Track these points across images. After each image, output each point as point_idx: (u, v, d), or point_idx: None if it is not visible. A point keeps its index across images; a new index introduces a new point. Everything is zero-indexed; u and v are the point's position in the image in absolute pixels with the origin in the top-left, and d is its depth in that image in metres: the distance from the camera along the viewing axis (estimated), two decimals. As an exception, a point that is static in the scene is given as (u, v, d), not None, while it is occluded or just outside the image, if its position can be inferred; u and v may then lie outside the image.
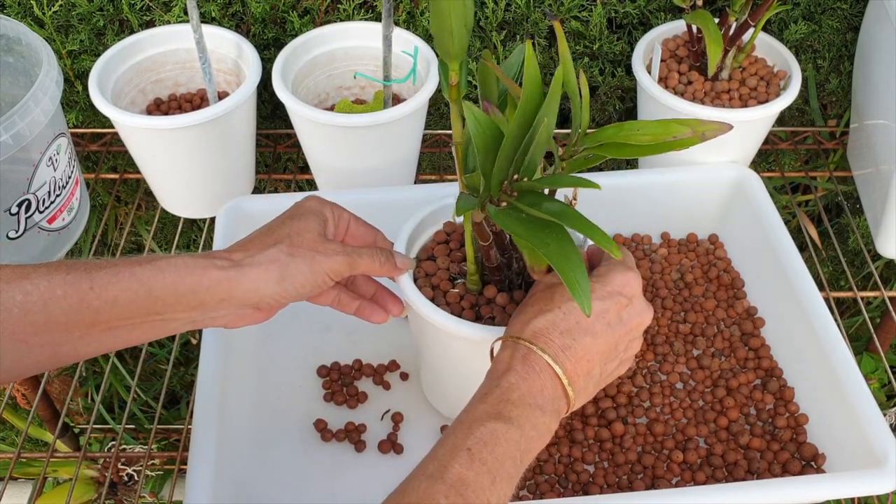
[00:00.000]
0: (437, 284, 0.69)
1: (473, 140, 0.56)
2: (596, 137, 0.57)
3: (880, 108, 0.93)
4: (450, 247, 0.72)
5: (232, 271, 0.57)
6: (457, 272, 0.70)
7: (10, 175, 0.81)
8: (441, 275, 0.69)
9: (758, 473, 0.74)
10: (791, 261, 0.82)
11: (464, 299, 0.68)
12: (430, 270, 0.70)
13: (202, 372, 0.73)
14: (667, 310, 0.87)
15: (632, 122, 0.56)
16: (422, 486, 0.50)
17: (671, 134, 0.55)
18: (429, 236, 0.74)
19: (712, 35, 0.86)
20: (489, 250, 0.64)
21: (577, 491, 0.74)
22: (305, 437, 0.78)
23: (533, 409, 0.54)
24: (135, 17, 1.01)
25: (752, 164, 1.00)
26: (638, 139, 0.55)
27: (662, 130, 0.55)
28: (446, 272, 0.70)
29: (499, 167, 0.55)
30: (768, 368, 0.81)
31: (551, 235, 0.54)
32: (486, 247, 0.64)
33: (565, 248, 0.53)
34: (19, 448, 0.87)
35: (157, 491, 1.28)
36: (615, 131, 0.56)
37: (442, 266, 0.70)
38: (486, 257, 0.65)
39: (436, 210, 0.73)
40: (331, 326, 0.86)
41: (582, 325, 0.57)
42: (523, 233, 0.54)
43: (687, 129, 0.55)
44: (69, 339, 0.53)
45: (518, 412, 0.54)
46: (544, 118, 0.53)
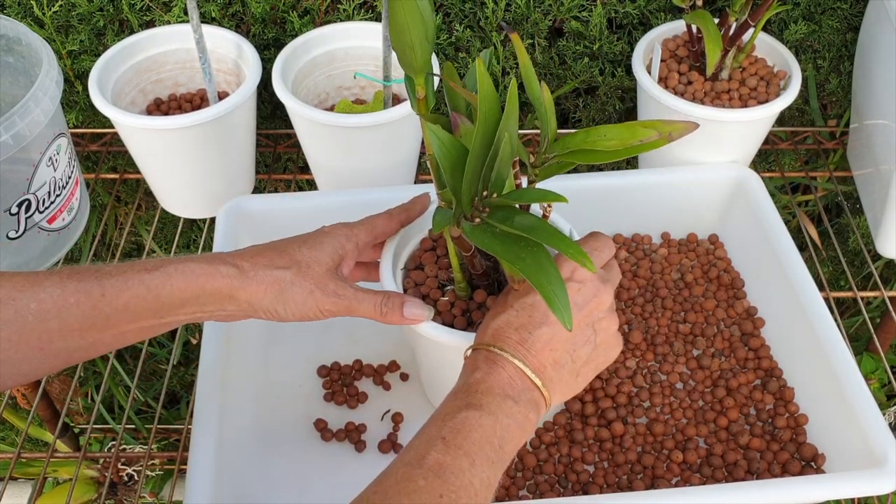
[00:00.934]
0: (427, 293, 0.69)
1: (439, 159, 0.56)
2: (565, 144, 0.57)
3: (880, 108, 0.93)
4: (437, 253, 0.72)
5: (235, 281, 0.59)
6: (445, 279, 0.70)
7: (10, 175, 0.81)
8: (430, 283, 0.70)
9: (757, 474, 0.74)
10: (791, 261, 0.82)
11: (454, 306, 0.68)
12: (418, 280, 0.71)
13: (202, 372, 0.73)
14: (667, 310, 0.87)
15: (599, 128, 0.56)
16: (400, 472, 0.51)
17: (637, 137, 0.56)
18: (415, 245, 0.74)
19: (712, 35, 0.86)
20: (473, 259, 0.65)
21: (576, 491, 0.74)
22: (305, 437, 0.78)
23: (503, 398, 0.56)
24: (135, 17, 1.01)
25: (752, 164, 1.00)
26: (605, 145, 0.56)
27: (629, 134, 0.56)
28: (435, 280, 0.70)
29: (467, 184, 0.55)
30: (768, 368, 0.81)
31: (526, 249, 0.54)
32: (470, 256, 0.64)
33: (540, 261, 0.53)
34: (19, 448, 0.87)
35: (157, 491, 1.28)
36: (583, 137, 0.57)
37: (430, 274, 0.70)
38: (470, 266, 0.66)
39: (419, 221, 0.73)
40: (331, 326, 0.86)
41: (535, 319, 0.58)
42: (498, 249, 0.55)
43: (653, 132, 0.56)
44: (82, 344, 0.56)
45: (488, 400, 0.55)
46: (504, 133, 0.53)
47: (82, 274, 0.55)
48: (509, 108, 0.53)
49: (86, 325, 0.55)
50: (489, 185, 0.56)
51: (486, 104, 0.54)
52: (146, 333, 0.60)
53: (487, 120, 0.54)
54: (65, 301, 0.54)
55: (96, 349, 0.58)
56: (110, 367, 0.95)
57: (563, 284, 0.53)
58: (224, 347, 0.75)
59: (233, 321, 0.64)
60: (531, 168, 0.59)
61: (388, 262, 0.70)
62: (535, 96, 0.57)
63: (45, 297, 0.54)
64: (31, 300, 0.53)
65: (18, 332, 0.53)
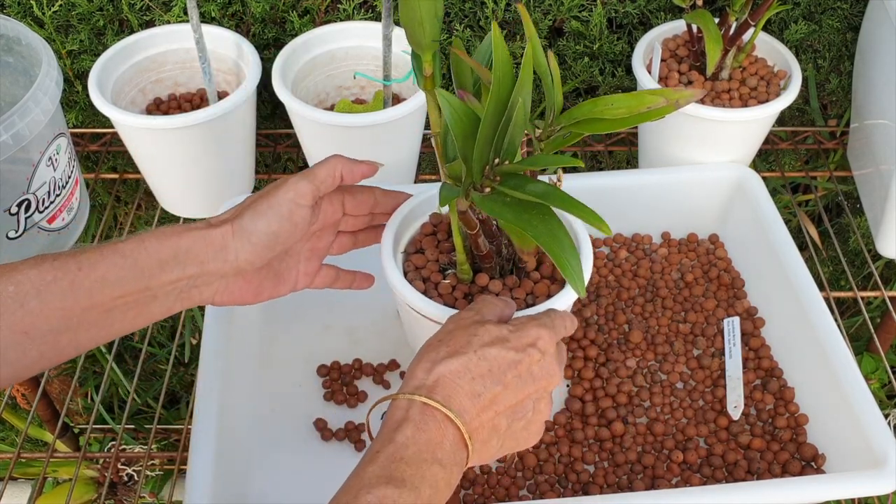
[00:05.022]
0: (428, 277, 0.68)
1: (451, 127, 0.55)
2: (571, 115, 0.56)
3: (880, 107, 0.93)
4: (437, 238, 0.71)
5: (204, 231, 0.59)
6: (446, 263, 0.69)
7: (10, 175, 0.81)
8: (431, 267, 0.69)
9: (758, 474, 0.74)
10: (791, 261, 0.82)
11: (456, 289, 0.67)
12: (419, 263, 0.69)
13: (202, 372, 0.73)
14: (667, 310, 0.87)
15: (606, 97, 0.55)
16: None
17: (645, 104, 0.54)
18: (415, 229, 0.73)
19: (712, 35, 0.86)
20: (477, 238, 0.63)
21: (576, 491, 0.74)
22: (305, 437, 0.78)
23: (430, 464, 0.50)
24: (134, 16, 1.01)
25: (752, 164, 1.00)
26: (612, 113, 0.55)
27: (636, 102, 0.55)
28: (436, 264, 0.69)
29: (478, 152, 0.54)
30: (768, 368, 0.81)
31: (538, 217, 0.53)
32: (474, 235, 0.63)
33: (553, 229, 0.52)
34: (19, 448, 0.87)
35: (156, 491, 1.28)
36: (590, 107, 0.55)
37: (431, 258, 0.69)
38: (474, 246, 0.64)
39: (421, 202, 0.72)
40: (331, 326, 0.86)
41: (494, 374, 0.54)
42: (510, 217, 0.53)
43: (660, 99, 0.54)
44: (68, 325, 0.54)
45: (412, 471, 0.49)
46: (519, 98, 0.52)
47: (58, 255, 0.55)
48: (524, 75, 0.52)
49: (67, 304, 0.54)
50: (501, 152, 0.55)
51: (501, 69, 0.53)
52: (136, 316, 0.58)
53: (501, 85, 0.53)
54: (41, 279, 0.53)
55: (85, 333, 0.56)
56: (110, 367, 0.95)
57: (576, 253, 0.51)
58: (224, 347, 0.75)
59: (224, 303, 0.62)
60: (537, 142, 0.58)
61: (389, 246, 0.68)
62: (541, 68, 0.56)
63: (22, 278, 0.53)
64: (8, 283, 0.52)
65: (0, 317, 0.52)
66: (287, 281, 0.67)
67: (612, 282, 0.90)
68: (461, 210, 0.60)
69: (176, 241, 0.58)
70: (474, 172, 0.55)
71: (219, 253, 0.59)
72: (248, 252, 0.60)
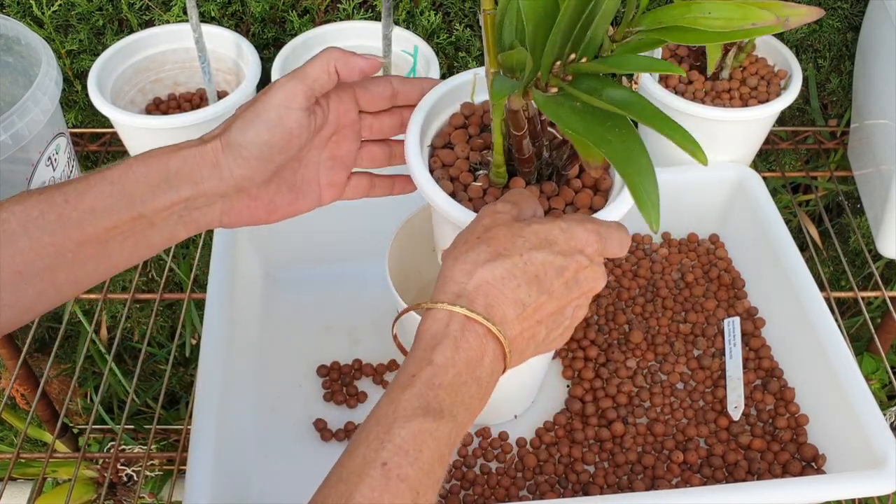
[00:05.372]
0: (457, 176, 0.59)
1: (524, 10, 0.46)
2: (657, 17, 0.48)
3: (881, 107, 0.93)
4: (469, 132, 0.61)
5: (195, 148, 0.54)
6: (478, 161, 0.60)
7: (10, 175, 0.80)
8: (460, 165, 0.59)
9: (758, 474, 0.74)
10: (792, 261, 0.82)
11: (487, 193, 0.58)
12: (447, 160, 0.60)
13: (202, 372, 0.73)
14: (667, 309, 0.87)
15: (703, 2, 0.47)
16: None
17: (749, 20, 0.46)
18: (443, 121, 0.63)
19: (713, 34, 0.85)
20: (522, 140, 0.55)
21: (577, 491, 0.74)
22: (305, 437, 0.78)
23: (469, 385, 0.47)
24: (134, 16, 1.00)
25: (752, 164, 1.00)
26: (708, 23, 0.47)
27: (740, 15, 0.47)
28: (466, 162, 0.60)
29: (552, 43, 0.45)
30: (769, 369, 0.81)
31: (613, 131, 0.45)
32: (520, 137, 0.54)
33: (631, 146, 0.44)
34: (18, 448, 0.87)
35: (156, 491, 1.28)
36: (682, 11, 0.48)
37: (461, 155, 0.60)
38: (517, 148, 0.56)
39: (452, 89, 0.62)
40: (331, 326, 0.86)
41: (540, 281, 0.49)
42: (579, 126, 0.45)
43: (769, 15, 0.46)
44: (62, 261, 0.51)
45: (451, 399, 0.46)
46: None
47: (44, 188, 0.51)
48: None
49: (58, 239, 0.50)
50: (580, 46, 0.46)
51: None
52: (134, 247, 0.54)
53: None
54: (27, 215, 0.50)
55: (82, 269, 0.52)
56: (109, 367, 0.95)
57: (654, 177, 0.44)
58: (224, 347, 0.75)
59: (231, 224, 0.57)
60: (608, 42, 0.50)
61: (416, 136, 0.59)
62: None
63: (7, 216, 0.50)
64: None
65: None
66: (307, 195, 0.60)
67: (613, 282, 0.90)
68: (512, 108, 0.51)
69: (165, 163, 0.53)
70: (543, 67, 0.46)
71: (213, 171, 0.54)
72: (241, 167, 0.54)
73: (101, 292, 0.95)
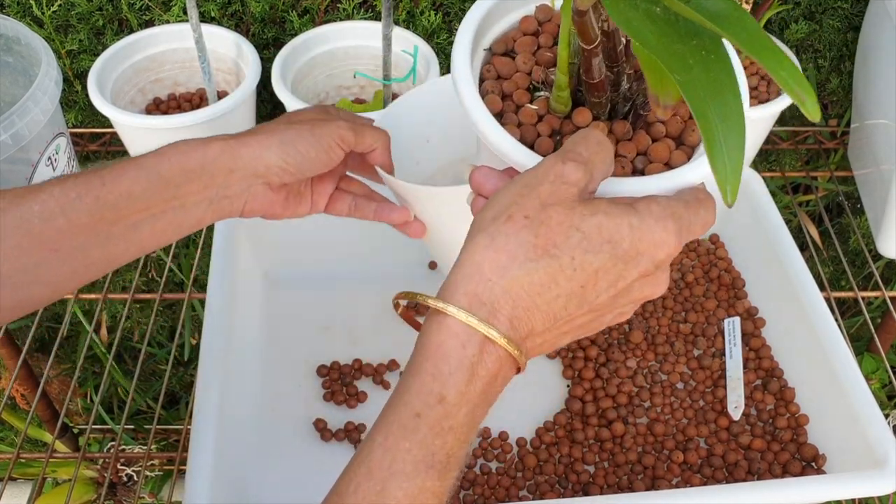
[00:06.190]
0: (511, 93, 0.48)
1: None
2: None
3: (881, 107, 0.93)
4: (539, 42, 0.50)
5: (232, 141, 0.57)
6: (541, 80, 0.49)
7: (9, 175, 0.80)
8: (519, 80, 0.49)
9: (758, 474, 0.74)
10: (792, 261, 0.82)
11: (542, 121, 0.47)
12: (503, 71, 0.49)
13: (202, 372, 0.73)
14: (667, 309, 0.87)
15: None
16: None
17: None
18: (512, 22, 0.52)
19: (713, 34, 0.85)
20: (592, 58, 0.43)
21: (577, 491, 0.74)
22: (305, 437, 0.78)
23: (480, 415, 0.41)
24: (134, 16, 1.00)
25: (752, 164, 1.00)
26: None
27: None
28: (527, 78, 0.49)
29: None
30: (769, 369, 0.81)
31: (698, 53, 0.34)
32: (590, 52, 0.43)
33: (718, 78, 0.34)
34: (18, 448, 0.87)
35: (156, 491, 1.28)
36: None
37: (522, 68, 0.49)
38: (585, 68, 0.44)
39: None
40: (331, 326, 0.86)
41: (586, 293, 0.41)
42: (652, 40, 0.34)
43: None
44: (96, 240, 0.54)
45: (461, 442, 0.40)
46: None
47: (80, 173, 0.54)
48: None
49: (94, 219, 0.53)
50: None
51: None
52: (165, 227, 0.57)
53: None
54: (66, 197, 0.53)
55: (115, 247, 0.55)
56: (109, 367, 0.95)
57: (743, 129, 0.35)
58: (224, 347, 0.75)
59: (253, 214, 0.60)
60: None
61: (468, 37, 0.49)
62: None
63: (46, 197, 0.52)
64: (34, 203, 0.52)
65: (26, 236, 0.51)
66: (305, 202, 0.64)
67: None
68: (580, 9, 0.39)
69: (203, 152, 0.56)
70: None
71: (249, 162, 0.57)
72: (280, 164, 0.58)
73: (101, 292, 0.95)
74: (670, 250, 0.42)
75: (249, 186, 0.58)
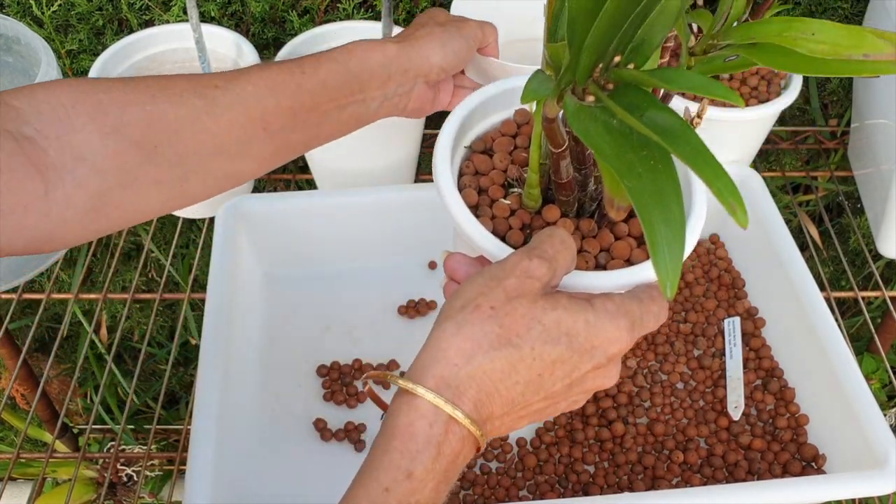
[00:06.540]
0: (487, 188, 0.52)
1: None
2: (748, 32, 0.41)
3: (881, 107, 0.93)
4: (516, 142, 0.55)
5: (405, 44, 0.64)
6: (515, 178, 0.53)
7: (9, 175, 0.80)
8: (495, 176, 0.53)
9: (758, 474, 0.74)
10: (792, 261, 0.82)
11: (514, 215, 0.51)
12: (481, 167, 0.53)
13: (202, 372, 0.73)
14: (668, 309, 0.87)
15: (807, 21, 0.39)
16: None
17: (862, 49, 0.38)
18: (493, 123, 0.57)
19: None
20: (560, 160, 0.46)
21: (577, 491, 0.74)
22: (305, 437, 0.78)
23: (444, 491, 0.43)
24: (134, 16, 1.00)
25: (752, 164, 0.99)
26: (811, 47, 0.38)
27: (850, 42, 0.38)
28: (502, 175, 0.53)
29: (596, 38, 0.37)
30: (769, 369, 0.81)
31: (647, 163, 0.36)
32: (558, 155, 0.46)
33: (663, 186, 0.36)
34: (18, 448, 0.87)
35: (156, 491, 1.28)
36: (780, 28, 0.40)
37: (499, 165, 0.53)
38: (554, 169, 0.47)
39: (508, 91, 0.56)
40: (331, 326, 0.86)
41: (543, 382, 0.44)
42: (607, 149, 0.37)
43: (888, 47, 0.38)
44: (294, 124, 0.59)
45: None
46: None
47: (278, 62, 0.60)
48: None
49: (295, 104, 0.58)
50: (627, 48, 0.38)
51: None
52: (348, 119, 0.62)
53: None
54: (273, 80, 0.58)
55: (307, 133, 0.60)
56: (109, 367, 0.95)
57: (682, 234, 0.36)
58: (224, 347, 0.75)
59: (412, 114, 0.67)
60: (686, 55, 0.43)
61: (449, 136, 0.53)
62: None
63: (257, 79, 0.57)
64: (246, 84, 0.57)
65: (244, 112, 0.56)
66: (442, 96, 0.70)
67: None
68: (548, 117, 0.43)
69: (381, 53, 0.62)
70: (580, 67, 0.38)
71: (418, 62, 0.64)
72: (441, 63, 0.65)
73: (101, 292, 0.95)
74: (622, 346, 0.45)
75: (415, 84, 0.65)
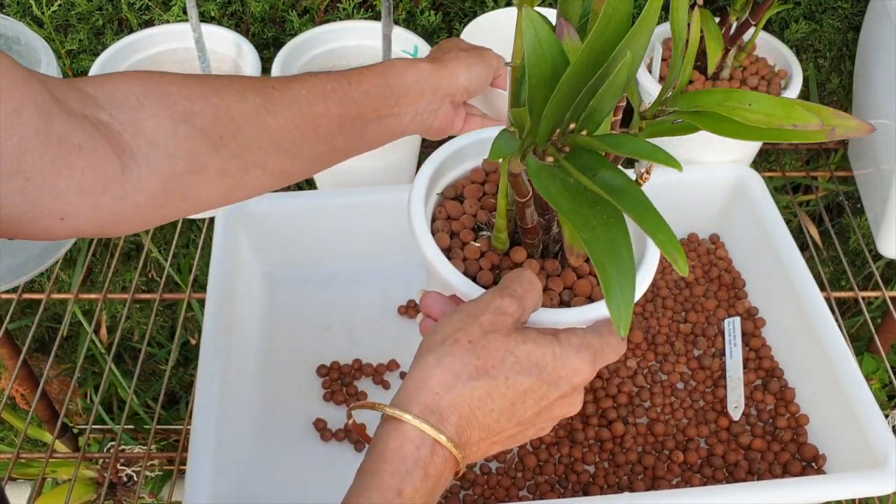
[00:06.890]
0: (458, 231, 0.57)
1: (528, 62, 0.43)
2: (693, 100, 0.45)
3: (881, 107, 0.93)
4: (484, 189, 0.60)
5: (436, 64, 0.68)
6: (485, 222, 0.58)
7: (9, 174, 0.80)
8: (465, 221, 0.57)
9: (758, 474, 0.74)
10: (792, 261, 0.82)
11: (484, 257, 0.55)
12: (453, 213, 0.58)
13: (202, 372, 0.73)
14: (667, 309, 0.87)
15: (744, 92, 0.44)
16: None
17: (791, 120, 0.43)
18: (463, 171, 0.62)
19: (713, 34, 0.85)
20: (525, 208, 0.52)
21: (577, 491, 0.74)
22: (305, 437, 0.78)
23: None
24: (134, 16, 1.00)
25: (753, 164, 0.99)
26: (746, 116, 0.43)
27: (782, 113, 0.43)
28: (472, 219, 0.58)
29: (553, 108, 0.42)
30: (769, 369, 0.81)
31: (600, 217, 0.41)
32: (523, 203, 0.51)
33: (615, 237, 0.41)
34: (18, 448, 0.87)
35: (156, 491, 1.28)
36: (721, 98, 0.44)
37: (469, 211, 0.58)
38: (520, 216, 0.53)
39: (478, 142, 0.61)
40: (331, 326, 0.86)
41: (515, 409, 0.48)
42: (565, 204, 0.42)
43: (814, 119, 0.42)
44: (339, 129, 0.62)
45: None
46: (627, 51, 0.40)
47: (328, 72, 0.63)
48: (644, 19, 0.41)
49: (342, 111, 0.61)
50: (581, 116, 0.43)
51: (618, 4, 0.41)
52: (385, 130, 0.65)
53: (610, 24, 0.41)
54: (324, 87, 0.61)
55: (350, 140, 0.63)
56: (109, 367, 0.95)
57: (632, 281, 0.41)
58: (224, 347, 0.75)
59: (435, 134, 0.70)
60: (638, 119, 0.47)
61: (423, 183, 0.58)
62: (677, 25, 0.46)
63: (310, 84, 0.60)
64: (300, 88, 0.60)
65: (298, 113, 0.59)
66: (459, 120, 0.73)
67: (613, 282, 0.89)
68: (512, 172, 0.48)
69: (416, 71, 0.66)
70: (540, 132, 0.43)
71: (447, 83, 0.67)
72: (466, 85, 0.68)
73: (101, 292, 0.95)
74: (585, 377, 0.50)
75: (442, 104, 0.68)
